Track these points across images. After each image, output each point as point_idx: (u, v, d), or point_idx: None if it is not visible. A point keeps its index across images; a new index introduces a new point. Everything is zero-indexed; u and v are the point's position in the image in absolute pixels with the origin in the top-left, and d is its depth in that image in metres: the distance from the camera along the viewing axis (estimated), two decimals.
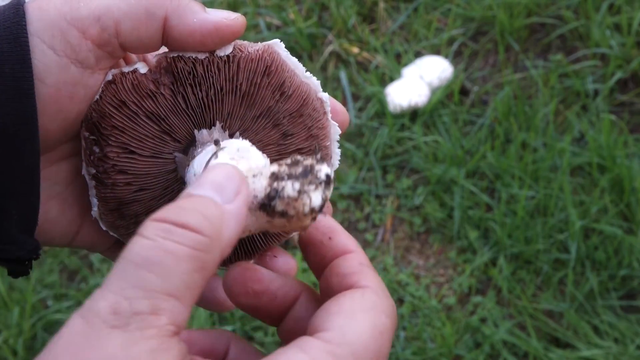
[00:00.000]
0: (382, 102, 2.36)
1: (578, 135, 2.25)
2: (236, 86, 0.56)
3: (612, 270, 1.97)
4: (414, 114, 2.35)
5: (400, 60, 2.51)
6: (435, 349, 1.90)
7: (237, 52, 0.55)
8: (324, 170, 0.50)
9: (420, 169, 2.25)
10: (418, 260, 2.12)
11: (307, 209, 0.48)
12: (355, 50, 2.56)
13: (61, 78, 0.50)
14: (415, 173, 2.27)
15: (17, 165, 0.49)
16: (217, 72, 0.55)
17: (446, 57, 2.48)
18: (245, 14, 2.76)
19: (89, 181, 0.58)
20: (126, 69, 0.54)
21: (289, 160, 0.51)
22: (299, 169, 0.49)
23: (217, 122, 0.57)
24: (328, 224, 0.54)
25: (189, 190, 0.45)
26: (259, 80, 0.56)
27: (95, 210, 0.58)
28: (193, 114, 0.57)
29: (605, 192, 2.09)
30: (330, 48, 2.57)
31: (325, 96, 0.59)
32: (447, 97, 2.38)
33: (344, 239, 0.53)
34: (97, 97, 0.54)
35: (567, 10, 2.50)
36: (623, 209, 2.06)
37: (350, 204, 2.23)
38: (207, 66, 0.55)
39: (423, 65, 2.41)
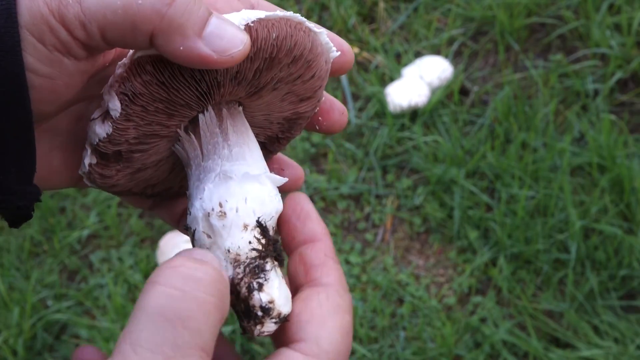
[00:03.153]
0: (382, 102, 2.36)
1: (578, 135, 2.25)
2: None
3: (612, 270, 1.97)
4: (414, 114, 2.35)
5: (400, 60, 2.51)
6: (435, 349, 1.90)
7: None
8: (257, 303, 0.51)
9: (420, 169, 2.25)
10: (418, 260, 2.12)
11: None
12: (355, 50, 2.56)
13: (55, 70, 0.48)
14: (415, 173, 2.27)
15: (8, 124, 0.48)
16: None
17: (446, 57, 2.48)
18: None
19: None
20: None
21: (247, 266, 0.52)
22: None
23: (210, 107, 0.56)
24: (305, 207, 0.56)
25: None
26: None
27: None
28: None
29: (605, 192, 2.09)
30: None
31: (307, 25, 0.54)
32: (447, 97, 2.38)
33: (314, 225, 0.56)
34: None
35: (567, 10, 2.50)
36: (623, 209, 2.06)
37: (350, 204, 2.23)
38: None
39: (423, 65, 2.41)
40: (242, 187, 0.54)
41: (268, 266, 0.52)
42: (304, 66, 0.56)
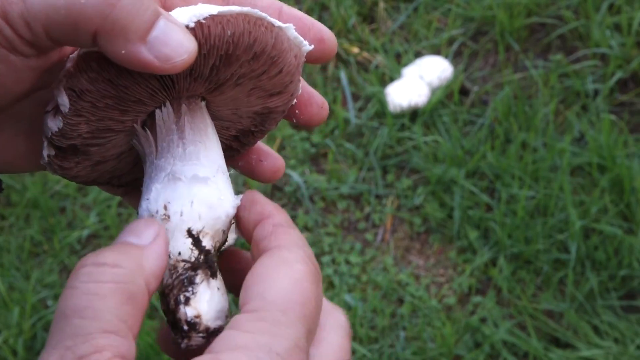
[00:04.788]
0: (382, 102, 2.36)
1: (578, 135, 2.26)
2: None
3: (612, 270, 1.97)
4: (414, 114, 2.35)
5: (400, 60, 2.51)
6: (435, 349, 1.90)
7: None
8: (182, 316, 0.50)
9: (420, 169, 2.25)
10: (418, 260, 2.12)
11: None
12: (355, 50, 2.56)
13: (1, 66, 0.47)
14: (415, 173, 2.27)
15: None
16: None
17: (446, 57, 2.48)
18: None
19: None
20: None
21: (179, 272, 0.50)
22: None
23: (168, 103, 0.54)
24: (251, 197, 0.53)
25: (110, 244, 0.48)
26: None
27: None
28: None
29: (605, 192, 2.09)
30: None
31: (267, 21, 0.51)
32: (447, 97, 2.38)
33: (260, 207, 0.52)
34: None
35: (567, 10, 2.50)
36: (623, 209, 2.06)
37: (350, 204, 2.23)
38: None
39: (423, 65, 2.41)
40: (190, 190, 0.52)
41: (198, 279, 0.50)
42: (267, 62, 0.54)
